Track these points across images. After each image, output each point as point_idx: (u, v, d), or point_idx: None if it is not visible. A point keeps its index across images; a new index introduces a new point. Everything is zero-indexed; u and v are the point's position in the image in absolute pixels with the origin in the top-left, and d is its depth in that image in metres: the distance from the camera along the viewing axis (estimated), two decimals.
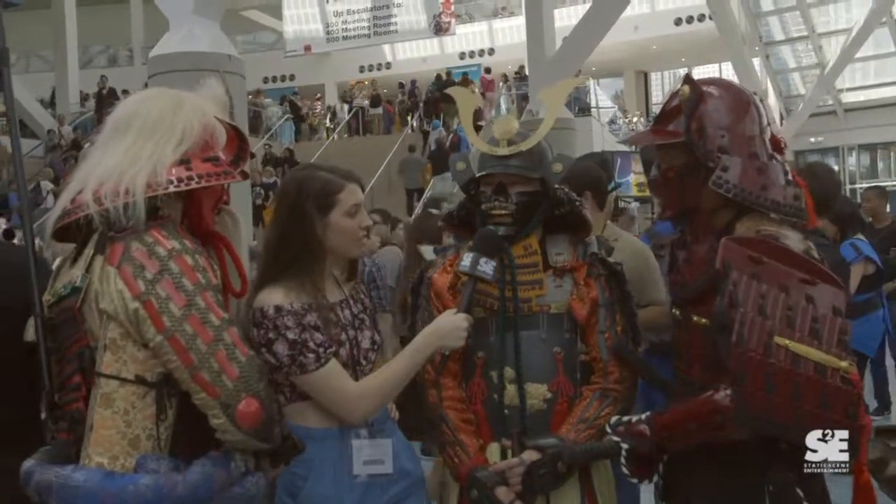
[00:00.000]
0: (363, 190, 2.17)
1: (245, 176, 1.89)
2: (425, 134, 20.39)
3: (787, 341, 1.75)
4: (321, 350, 1.97)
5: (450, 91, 2.50)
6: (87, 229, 1.70)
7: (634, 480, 2.03)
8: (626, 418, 1.99)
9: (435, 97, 21.30)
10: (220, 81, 1.94)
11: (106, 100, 18.37)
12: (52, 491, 1.59)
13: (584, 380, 2.21)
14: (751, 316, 1.77)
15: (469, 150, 2.38)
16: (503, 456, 2.15)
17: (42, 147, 19.28)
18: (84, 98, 21.73)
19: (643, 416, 1.97)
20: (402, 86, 24.02)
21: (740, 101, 2.02)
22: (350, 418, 2.01)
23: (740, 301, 1.78)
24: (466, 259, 2.11)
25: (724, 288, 1.81)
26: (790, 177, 2.00)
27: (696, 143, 1.95)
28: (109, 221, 1.66)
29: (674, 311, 2.12)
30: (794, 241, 1.90)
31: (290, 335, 1.95)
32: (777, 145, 2.05)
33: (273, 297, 1.99)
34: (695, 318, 1.99)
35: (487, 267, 2.09)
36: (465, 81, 21.72)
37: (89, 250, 1.69)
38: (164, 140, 1.72)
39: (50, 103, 21.58)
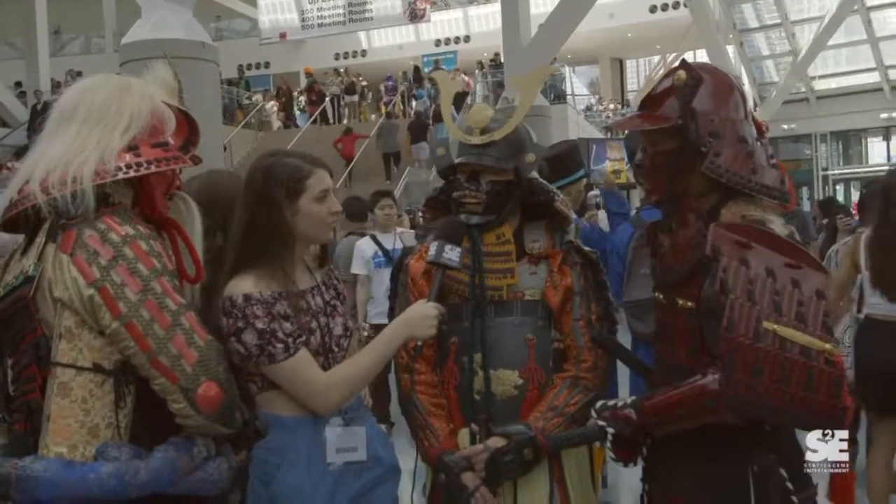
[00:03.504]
0: (332, 176, 2.16)
1: (196, 161, 1.87)
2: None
3: (774, 326, 1.77)
4: (290, 340, 1.95)
5: (432, 75, 2.50)
6: (35, 219, 1.68)
7: (620, 464, 2.04)
8: (611, 402, 1.99)
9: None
10: (168, 66, 1.92)
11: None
12: (10, 483, 1.56)
13: (556, 367, 2.21)
14: (740, 301, 1.79)
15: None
16: (472, 441, 2.16)
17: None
18: (56, 86, 21.38)
19: (628, 401, 1.97)
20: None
21: (726, 86, 2.03)
22: (319, 409, 2.00)
23: (730, 286, 1.81)
24: (433, 248, 2.11)
25: (714, 273, 1.84)
26: (773, 160, 2.03)
27: (690, 127, 1.96)
28: (58, 211, 1.64)
29: (658, 295, 2.12)
30: (778, 225, 1.93)
31: (259, 325, 1.93)
32: (759, 129, 2.07)
33: (242, 286, 1.96)
34: (680, 302, 1.99)
35: (453, 254, 2.09)
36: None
37: (40, 239, 1.66)
38: (110, 127, 1.70)
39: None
